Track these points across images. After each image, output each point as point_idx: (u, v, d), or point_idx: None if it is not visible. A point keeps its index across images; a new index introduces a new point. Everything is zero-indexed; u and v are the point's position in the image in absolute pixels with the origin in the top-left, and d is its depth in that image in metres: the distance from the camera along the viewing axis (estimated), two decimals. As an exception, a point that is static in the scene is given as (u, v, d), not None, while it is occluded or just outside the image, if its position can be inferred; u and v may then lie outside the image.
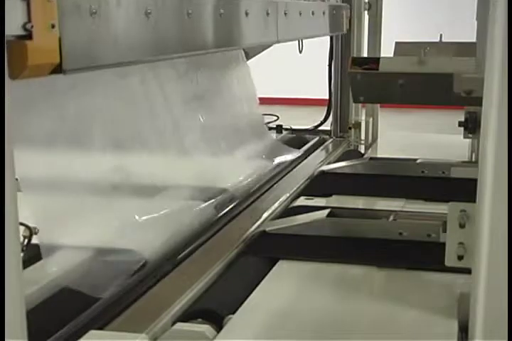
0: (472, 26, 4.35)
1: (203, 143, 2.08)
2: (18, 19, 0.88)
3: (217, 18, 1.53)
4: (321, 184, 2.19)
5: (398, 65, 1.56)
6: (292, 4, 2.12)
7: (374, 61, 1.63)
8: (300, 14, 2.22)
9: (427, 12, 8.51)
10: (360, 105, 3.15)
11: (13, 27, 0.87)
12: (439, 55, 1.66)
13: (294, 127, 3.19)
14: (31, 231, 1.25)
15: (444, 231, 1.28)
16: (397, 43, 1.82)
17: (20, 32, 0.89)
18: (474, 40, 1.68)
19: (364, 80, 1.58)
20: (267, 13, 1.88)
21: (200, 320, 1.20)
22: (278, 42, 2.05)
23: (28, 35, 0.90)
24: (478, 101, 0.98)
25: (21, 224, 1.18)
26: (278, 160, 2.48)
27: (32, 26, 0.90)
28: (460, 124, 1.88)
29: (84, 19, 1.04)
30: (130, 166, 1.63)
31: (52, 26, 0.95)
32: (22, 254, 0.84)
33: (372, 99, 1.62)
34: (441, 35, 2.00)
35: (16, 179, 0.75)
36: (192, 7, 1.39)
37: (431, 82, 1.51)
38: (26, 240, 1.25)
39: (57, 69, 0.98)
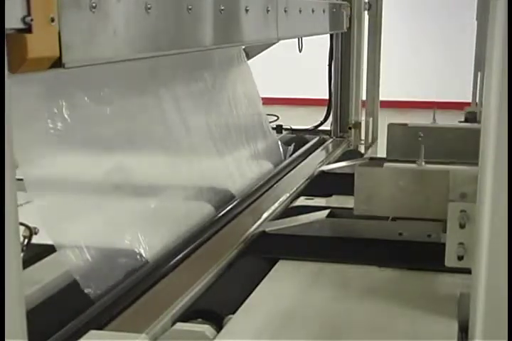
0: (471, 26, 4.35)
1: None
2: (18, 12, 0.88)
3: (218, 14, 1.53)
4: (321, 184, 2.19)
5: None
6: (292, 1, 2.12)
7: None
8: (300, 11, 2.22)
9: (425, 13, 8.51)
10: (360, 105, 3.15)
11: (12, 20, 0.87)
12: (434, 141, 1.68)
13: (294, 127, 3.19)
14: (31, 231, 1.25)
15: (444, 231, 1.28)
16: (390, 125, 1.84)
17: (20, 25, 0.89)
18: (473, 40, 1.68)
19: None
20: (267, 10, 1.88)
21: (200, 320, 1.20)
22: (278, 39, 2.05)
23: (28, 29, 0.90)
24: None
25: (21, 224, 1.18)
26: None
27: (31, 20, 0.89)
28: (460, 124, 1.89)
29: (84, 13, 1.04)
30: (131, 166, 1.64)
31: (52, 20, 0.95)
32: (22, 254, 0.83)
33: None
34: (434, 117, 2.02)
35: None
36: (192, 2, 1.39)
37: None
38: (26, 240, 1.25)
39: (57, 63, 0.98)
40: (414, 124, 1.83)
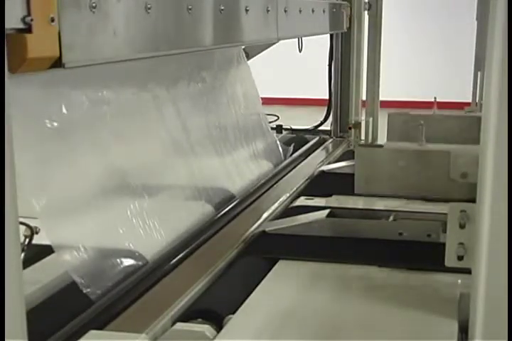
0: (471, 26, 4.35)
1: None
2: (18, 12, 0.88)
3: (218, 14, 1.53)
4: (321, 184, 2.19)
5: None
6: (292, 1, 2.13)
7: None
8: (300, 11, 2.22)
9: (425, 13, 8.51)
10: (360, 105, 3.15)
11: (12, 20, 0.87)
12: (434, 129, 1.67)
13: (294, 127, 3.19)
14: (32, 231, 1.25)
15: (444, 231, 1.28)
16: (390, 115, 1.84)
17: (20, 25, 0.89)
18: (473, 40, 1.68)
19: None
20: (267, 10, 1.88)
21: (200, 320, 1.20)
22: (278, 39, 2.05)
23: (28, 29, 0.90)
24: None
25: (22, 223, 1.18)
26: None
27: (32, 19, 0.90)
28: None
29: (84, 13, 1.04)
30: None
31: (52, 20, 0.95)
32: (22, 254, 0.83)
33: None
34: (435, 99, 2.01)
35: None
36: (192, 2, 1.39)
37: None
38: (27, 240, 1.25)
39: (57, 63, 0.98)
40: (413, 113, 1.83)
